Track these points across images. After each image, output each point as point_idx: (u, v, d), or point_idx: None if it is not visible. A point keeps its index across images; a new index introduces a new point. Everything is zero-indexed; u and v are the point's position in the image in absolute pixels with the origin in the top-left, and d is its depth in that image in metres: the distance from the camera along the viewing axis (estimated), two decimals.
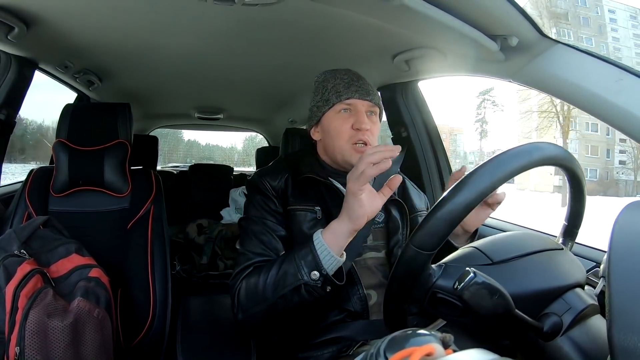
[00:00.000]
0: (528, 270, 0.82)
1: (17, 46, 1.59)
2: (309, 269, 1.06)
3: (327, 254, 1.06)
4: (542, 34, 1.15)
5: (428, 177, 2.05)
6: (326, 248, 1.06)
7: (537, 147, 0.81)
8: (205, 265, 2.87)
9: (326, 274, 1.05)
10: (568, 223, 0.96)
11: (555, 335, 0.77)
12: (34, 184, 1.63)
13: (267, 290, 1.11)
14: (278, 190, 1.30)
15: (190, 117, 3.68)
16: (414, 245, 0.79)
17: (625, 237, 0.62)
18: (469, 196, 0.75)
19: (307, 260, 1.06)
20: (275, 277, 1.10)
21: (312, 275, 1.05)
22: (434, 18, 1.12)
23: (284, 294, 1.08)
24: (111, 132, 1.71)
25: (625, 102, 0.99)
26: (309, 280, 1.05)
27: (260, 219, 1.26)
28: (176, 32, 1.68)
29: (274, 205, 1.28)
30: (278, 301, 1.09)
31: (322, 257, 1.06)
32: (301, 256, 1.08)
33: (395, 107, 2.09)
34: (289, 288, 1.07)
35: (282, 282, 1.08)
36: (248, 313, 1.15)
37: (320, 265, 1.05)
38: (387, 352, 0.49)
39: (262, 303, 1.12)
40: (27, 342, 1.12)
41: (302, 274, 1.06)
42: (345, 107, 1.28)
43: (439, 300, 0.80)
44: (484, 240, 0.89)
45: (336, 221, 1.08)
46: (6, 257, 1.25)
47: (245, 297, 1.15)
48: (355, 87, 1.28)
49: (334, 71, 1.35)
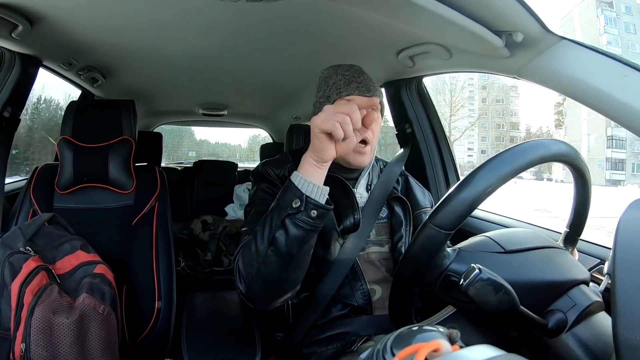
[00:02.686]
0: (538, 261, 0.84)
1: (21, 44, 1.59)
2: (290, 201, 1.01)
3: (303, 181, 1.02)
4: (547, 29, 1.14)
5: (432, 173, 2.05)
6: (301, 177, 1.02)
7: (554, 142, 0.83)
8: (209, 262, 2.87)
9: (306, 196, 1.00)
10: (570, 230, 0.98)
11: (560, 332, 0.77)
12: (38, 181, 1.64)
13: (258, 246, 1.05)
14: (282, 177, 1.31)
15: (194, 113, 3.67)
16: (434, 224, 0.80)
17: (630, 235, 0.62)
18: (490, 179, 0.77)
19: (287, 195, 1.02)
20: (263, 228, 1.05)
21: (294, 204, 1.00)
22: (439, 14, 1.11)
23: (272, 239, 1.02)
24: (116, 129, 1.71)
25: (630, 99, 0.98)
26: (292, 210, 1.00)
27: (264, 201, 1.26)
28: (180, 28, 1.67)
29: (277, 190, 1.28)
30: (270, 251, 1.03)
31: (299, 186, 1.01)
32: (282, 196, 1.04)
33: (399, 103, 2.08)
34: (275, 230, 1.02)
35: (269, 227, 1.03)
36: (249, 280, 1.09)
37: (300, 192, 1.00)
38: (394, 348, 0.49)
39: (257, 261, 1.06)
40: (32, 338, 1.13)
41: (284, 209, 1.01)
42: (345, 103, 1.28)
43: (451, 284, 0.81)
44: (495, 232, 0.92)
45: (305, 156, 1.05)
46: (12, 254, 1.26)
47: (243, 265, 1.10)
48: (356, 84, 1.28)
49: (336, 67, 1.35)
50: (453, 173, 2.06)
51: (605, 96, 1.03)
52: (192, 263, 2.88)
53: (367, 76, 1.33)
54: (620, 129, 5.16)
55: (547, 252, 0.87)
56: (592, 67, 1.08)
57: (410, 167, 1.99)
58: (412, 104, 2.08)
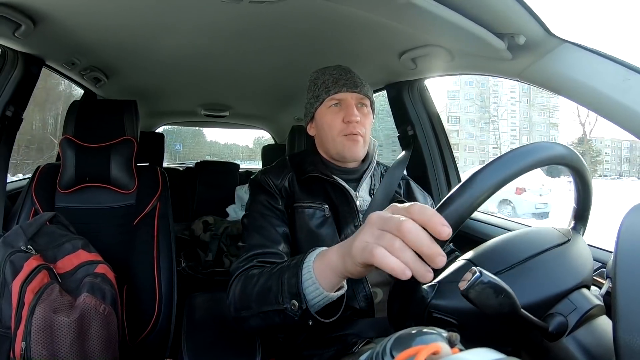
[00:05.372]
0: (528, 278, 0.78)
1: (24, 43, 1.59)
2: (290, 295, 0.91)
3: (312, 284, 0.88)
4: (549, 32, 1.14)
5: (434, 176, 2.04)
6: (312, 277, 0.88)
7: (551, 145, 0.77)
8: (210, 262, 2.87)
9: (305, 307, 0.88)
10: (578, 206, 0.91)
11: (560, 336, 0.76)
12: (40, 180, 1.64)
13: (253, 300, 1.02)
14: (281, 188, 1.32)
15: (196, 114, 3.67)
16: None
17: (631, 238, 0.61)
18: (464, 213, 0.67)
19: (291, 283, 0.91)
20: (261, 289, 1.00)
21: (292, 305, 0.90)
22: (441, 16, 1.12)
23: (265, 311, 0.98)
24: (118, 129, 1.72)
25: (632, 101, 0.98)
26: (288, 308, 0.91)
27: (262, 215, 1.27)
28: (183, 29, 1.68)
29: (276, 203, 1.30)
30: (261, 315, 1.00)
31: (305, 287, 0.88)
32: (287, 276, 0.93)
33: (401, 105, 2.08)
34: (269, 308, 0.96)
35: (265, 298, 0.98)
36: (238, 314, 1.09)
37: (302, 296, 0.88)
38: (393, 351, 0.49)
39: (249, 310, 1.04)
40: (33, 337, 1.13)
41: (282, 298, 0.92)
42: (335, 102, 1.33)
43: (436, 319, 0.78)
44: (479, 250, 0.84)
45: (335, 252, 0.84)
46: (13, 253, 1.26)
47: (238, 297, 1.10)
48: (343, 81, 1.32)
49: (324, 69, 1.39)
50: (454, 175, 2.05)
51: (607, 99, 1.03)
52: (193, 263, 2.88)
53: (355, 74, 1.37)
54: None
55: (542, 259, 0.81)
56: (594, 69, 1.07)
57: (412, 170, 1.99)
58: (414, 106, 2.08)
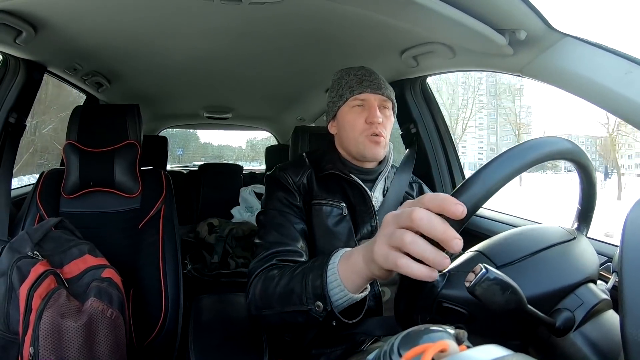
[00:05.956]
0: (536, 271, 0.79)
1: (25, 50, 1.59)
2: (314, 297, 0.92)
3: (338, 286, 0.89)
4: (550, 27, 1.13)
5: (438, 174, 2.04)
6: (337, 280, 0.89)
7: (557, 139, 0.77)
8: (216, 264, 2.87)
9: (330, 309, 0.90)
10: (581, 206, 0.91)
11: (567, 331, 0.76)
12: (44, 186, 1.65)
13: (275, 301, 1.03)
14: (300, 185, 1.33)
15: (199, 116, 3.69)
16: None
17: (637, 232, 0.61)
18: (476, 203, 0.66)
19: (315, 285, 0.92)
20: (284, 290, 1.01)
21: (316, 306, 0.91)
22: (442, 13, 1.12)
23: (289, 312, 0.99)
24: (121, 133, 1.72)
25: (634, 95, 0.98)
26: (313, 309, 0.92)
27: (279, 211, 1.28)
28: (184, 32, 1.68)
29: (294, 200, 1.30)
30: (284, 315, 1.01)
31: (330, 288, 0.89)
32: (312, 278, 0.93)
33: (403, 103, 2.07)
34: (293, 308, 0.97)
35: (288, 299, 0.99)
36: (259, 312, 1.09)
37: (327, 298, 0.89)
38: (401, 349, 0.49)
39: (271, 309, 1.05)
40: (41, 342, 1.13)
41: (306, 299, 0.94)
42: (359, 103, 1.33)
43: (445, 309, 0.78)
44: (489, 242, 0.85)
45: (360, 255, 0.83)
46: (20, 259, 1.26)
47: (259, 296, 1.09)
48: (368, 82, 1.33)
49: (348, 69, 1.40)
50: (459, 172, 2.05)
51: (610, 92, 1.02)
52: (199, 266, 2.88)
53: (379, 75, 1.38)
54: None
55: (549, 254, 0.81)
56: (596, 63, 1.07)
57: (415, 168, 1.99)
58: (417, 103, 2.07)
